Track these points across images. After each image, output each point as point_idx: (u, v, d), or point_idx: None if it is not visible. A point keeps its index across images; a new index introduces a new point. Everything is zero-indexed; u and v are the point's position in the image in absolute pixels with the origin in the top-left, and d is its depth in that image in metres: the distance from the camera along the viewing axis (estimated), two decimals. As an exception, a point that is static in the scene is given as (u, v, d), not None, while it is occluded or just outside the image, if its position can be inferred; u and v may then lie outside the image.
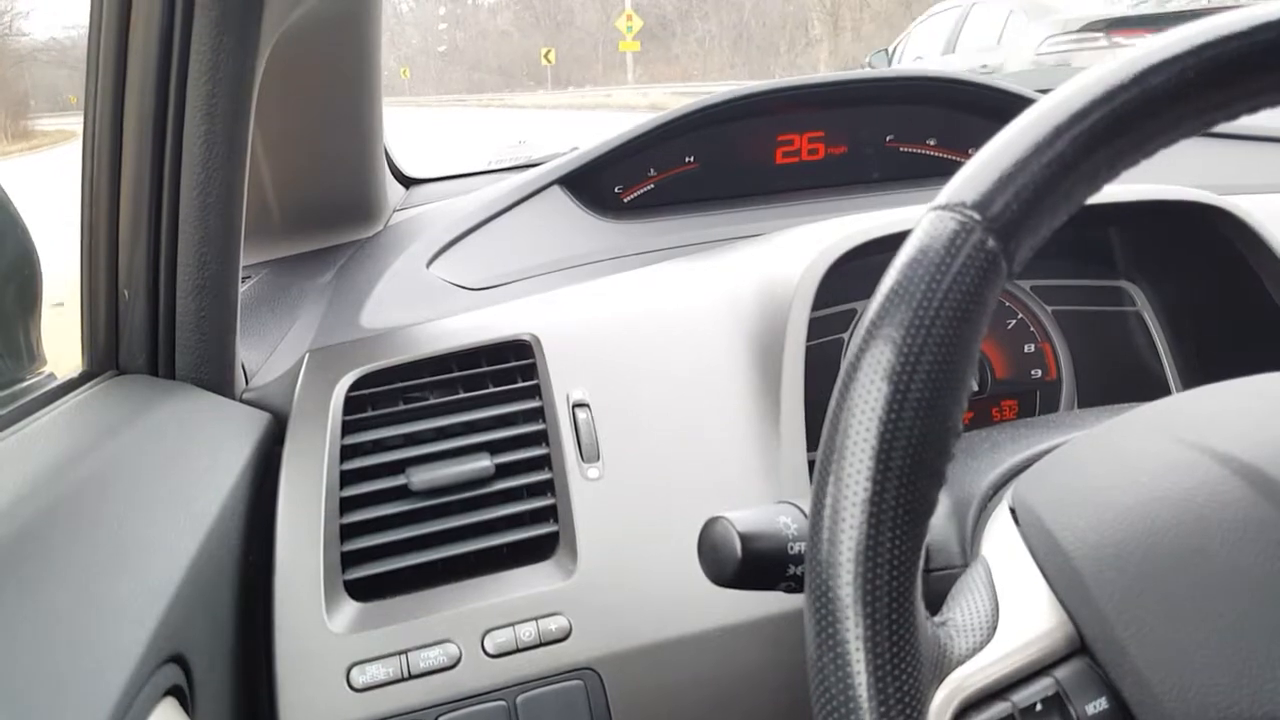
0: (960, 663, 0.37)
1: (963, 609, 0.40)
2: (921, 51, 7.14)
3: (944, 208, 0.32)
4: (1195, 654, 0.34)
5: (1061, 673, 0.38)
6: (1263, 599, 0.33)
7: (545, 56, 32.26)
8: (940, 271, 0.31)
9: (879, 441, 0.30)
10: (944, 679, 0.36)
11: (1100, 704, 0.37)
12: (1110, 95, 0.31)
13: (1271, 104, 0.32)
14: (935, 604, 0.40)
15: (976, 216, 0.31)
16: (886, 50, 7.68)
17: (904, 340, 0.30)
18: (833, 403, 0.32)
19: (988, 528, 0.48)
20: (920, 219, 0.32)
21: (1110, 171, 0.32)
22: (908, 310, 0.31)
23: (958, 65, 6.07)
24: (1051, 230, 0.32)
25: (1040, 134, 0.31)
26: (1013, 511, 0.45)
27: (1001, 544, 0.44)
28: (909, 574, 0.31)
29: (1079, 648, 0.39)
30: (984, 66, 5.58)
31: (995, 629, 0.39)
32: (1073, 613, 0.39)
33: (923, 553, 0.32)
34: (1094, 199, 0.33)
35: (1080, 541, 0.39)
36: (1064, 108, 0.32)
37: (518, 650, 0.59)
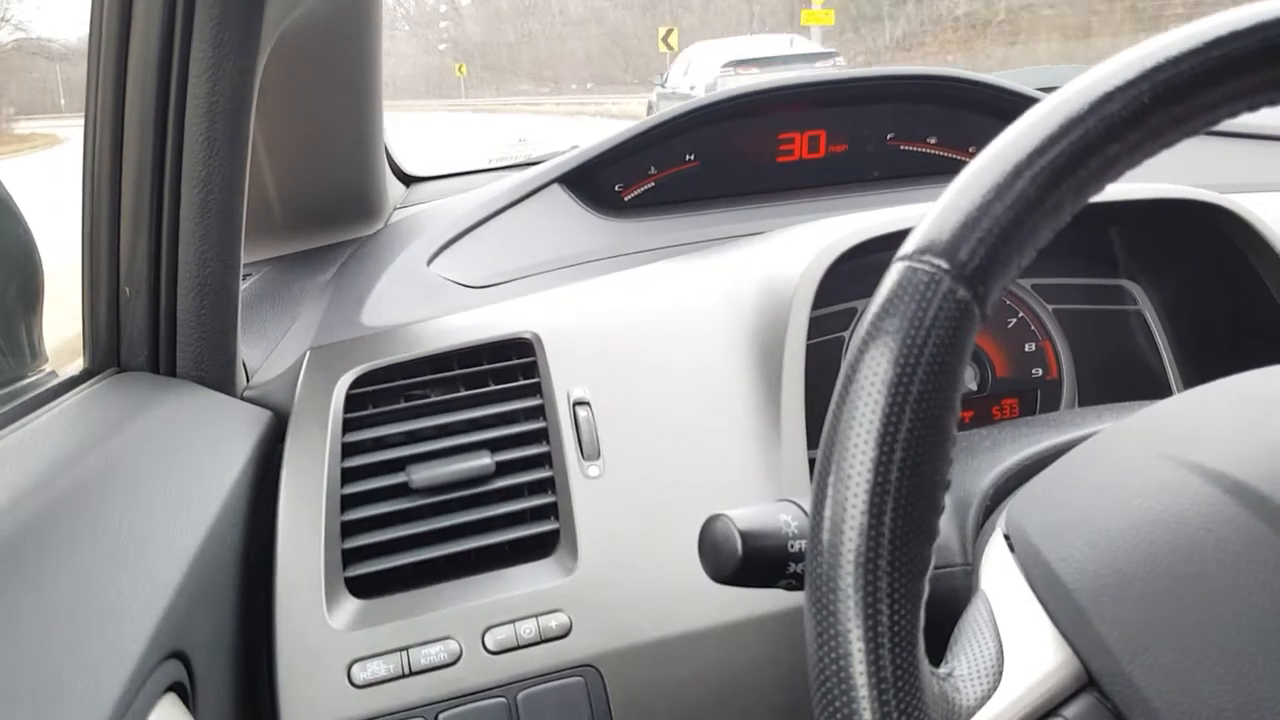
0: (970, 715, 0.37)
1: (967, 656, 0.40)
2: (677, 75, 10.96)
3: (910, 257, 0.31)
4: (1201, 682, 0.33)
5: (1071, 711, 0.38)
6: (1264, 621, 0.33)
7: (664, 40, 18.62)
8: (915, 326, 0.30)
9: (870, 508, 0.30)
10: None
11: None
12: (1067, 128, 0.31)
13: (1231, 114, 0.31)
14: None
15: (945, 265, 0.31)
16: (661, 74, 11.61)
17: (887, 403, 0.30)
18: (820, 459, 0.32)
19: (985, 556, 0.47)
20: (888, 270, 0.32)
21: (1076, 202, 0.31)
22: (888, 367, 0.30)
23: (687, 84, 10.26)
24: (1021, 268, 0.32)
25: (1000, 174, 0.31)
26: (1007, 538, 0.45)
27: (999, 577, 0.44)
28: (911, 650, 0.30)
29: (1086, 683, 0.38)
30: (691, 87, 9.63)
31: (1001, 673, 0.39)
32: (1077, 648, 0.38)
33: (921, 628, 0.31)
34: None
35: (1079, 573, 0.39)
36: (1021, 144, 0.31)
37: (518, 647, 0.59)
